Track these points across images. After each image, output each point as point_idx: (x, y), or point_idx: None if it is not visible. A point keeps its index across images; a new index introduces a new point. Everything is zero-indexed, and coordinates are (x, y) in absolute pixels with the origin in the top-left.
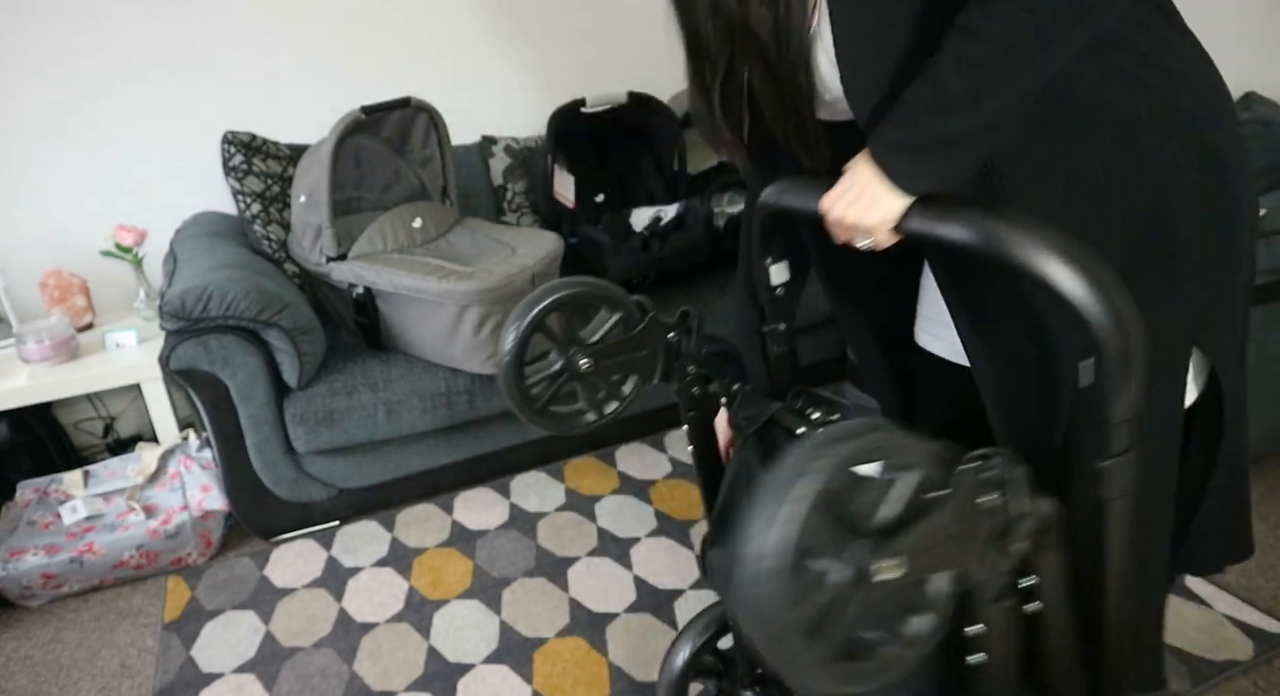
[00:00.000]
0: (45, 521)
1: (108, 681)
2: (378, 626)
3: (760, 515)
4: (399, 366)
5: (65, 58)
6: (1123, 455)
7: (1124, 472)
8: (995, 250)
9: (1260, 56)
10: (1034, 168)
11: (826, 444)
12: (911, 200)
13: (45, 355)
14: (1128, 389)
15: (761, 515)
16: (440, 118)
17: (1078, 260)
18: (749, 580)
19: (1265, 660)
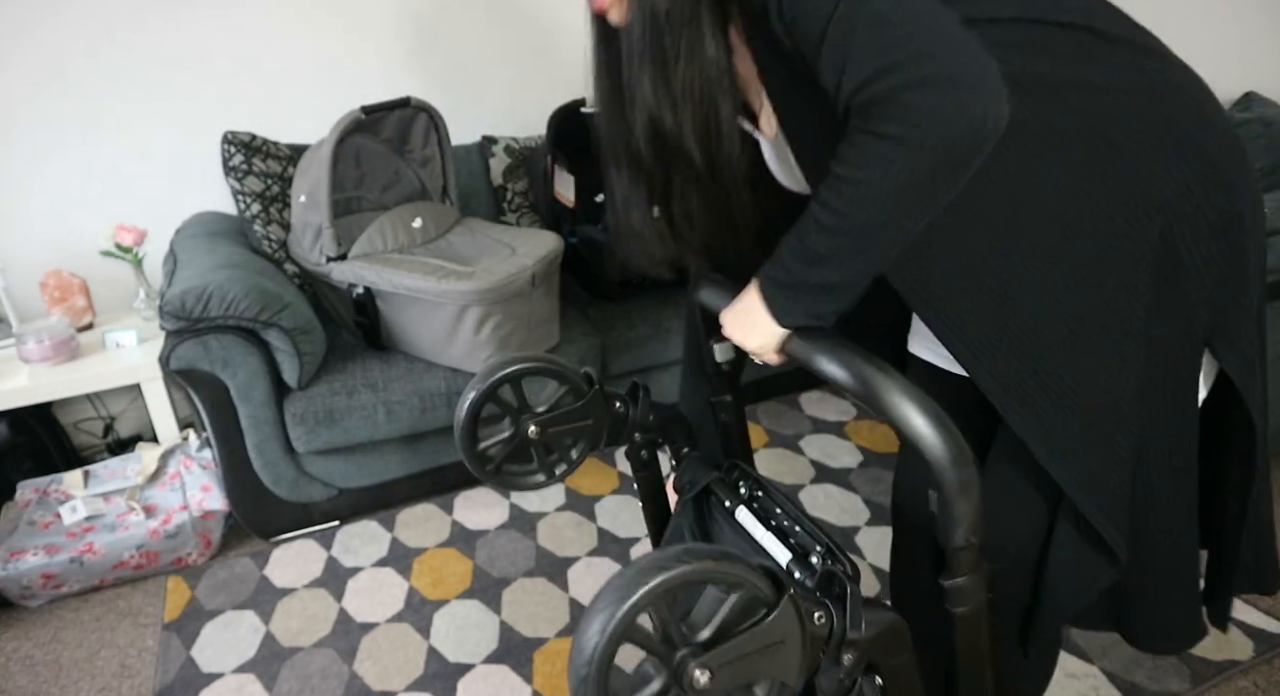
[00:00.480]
0: (45, 521)
1: (108, 681)
2: (378, 626)
3: (583, 627)
4: (399, 366)
5: (65, 58)
6: (965, 576)
7: (968, 591)
8: (860, 391)
9: (1260, 56)
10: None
11: (648, 571)
12: (786, 332)
13: (45, 355)
14: (965, 518)
15: (584, 627)
16: (440, 118)
17: (923, 408)
18: (572, 683)
19: (1265, 660)
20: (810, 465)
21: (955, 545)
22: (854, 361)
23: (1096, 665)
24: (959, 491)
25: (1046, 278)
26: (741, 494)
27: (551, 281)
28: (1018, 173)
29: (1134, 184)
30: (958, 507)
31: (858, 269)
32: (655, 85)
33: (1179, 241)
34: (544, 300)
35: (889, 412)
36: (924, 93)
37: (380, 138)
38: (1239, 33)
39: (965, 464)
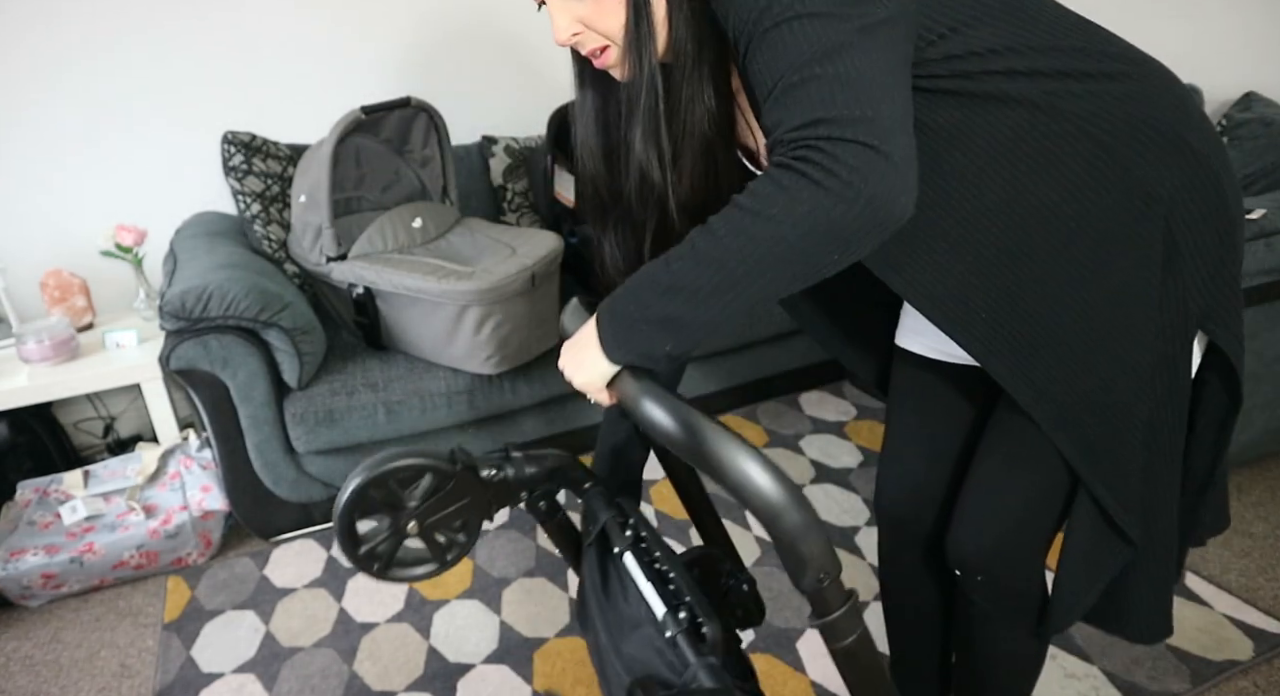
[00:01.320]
0: (45, 521)
1: (108, 681)
2: (378, 626)
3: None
4: (399, 366)
5: (65, 58)
6: (837, 612)
7: (843, 625)
8: (683, 440)
9: (1260, 56)
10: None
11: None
12: (615, 369)
13: (45, 355)
14: (813, 558)
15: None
16: (440, 118)
17: (751, 456)
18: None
19: (1265, 660)
20: (810, 465)
21: (812, 588)
22: (680, 409)
23: (1096, 665)
24: (802, 534)
25: (1056, 275)
26: (627, 537)
27: (551, 281)
28: (1018, 177)
29: (1129, 180)
30: (803, 550)
31: (709, 312)
32: (648, 140)
33: (1177, 231)
34: (544, 300)
35: (716, 463)
36: (858, 152)
37: (380, 138)
38: (1239, 33)
39: (803, 506)
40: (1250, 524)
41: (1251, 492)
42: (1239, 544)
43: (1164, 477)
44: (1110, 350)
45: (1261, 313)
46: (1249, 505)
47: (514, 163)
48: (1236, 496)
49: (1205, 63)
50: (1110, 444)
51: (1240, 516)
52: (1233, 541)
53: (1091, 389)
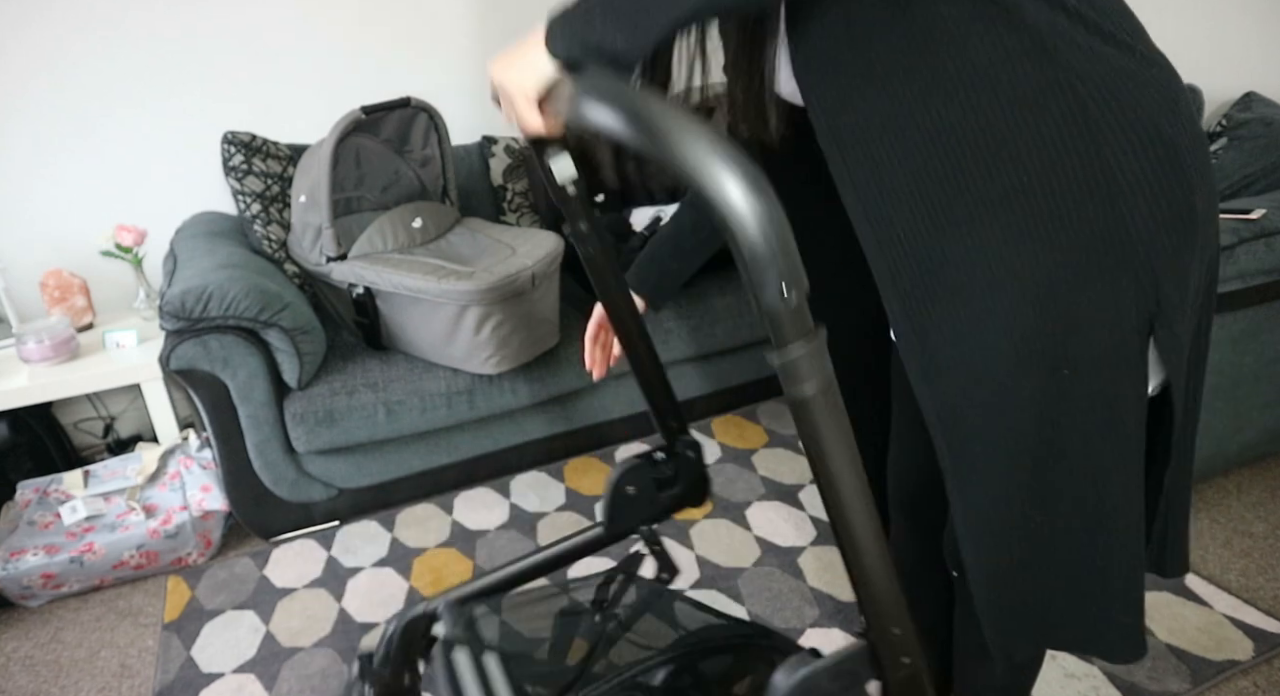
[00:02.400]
0: (45, 521)
1: (108, 681)
2: (378, 626)
3: None
4: (399, 366)
5: (66, 58)
6: (798, 340)
7: (805, 363)
8: (643, 140)
9: (1260, 56)
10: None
11: None
12: (554, 64)
13: (45, 355)
14: (783, 269)
15: None
16: (440, 118)
17: (729, 158)
18: None
19: (1265, 660)
20: None
21: (773, 304)
22: (631, 97)
23: (1096, 665)
24: (778, 249)
25: (986, 226)
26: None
27: (551, 281)
28: (987, 105)
29: (1095, 151)
30: (779, 263)
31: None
32: None
33: (1130, 220)
34: (544, 300)
35: (685, 165)
36: None
37: (380, 138)
38: (1239, 33)
39: (780, 220)
40: (1250, 524)
41: (1251, 492)
42: (1239, 544)
43: (1116, 486)
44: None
45: (1261, 313)
46: (1249, 505)
47: (514, 163)
48: (1236, 496)
49: (1205, 63)
50: (992, 446)
51: (1240, 516)
52: (1233, 541)
53: (976, 365)
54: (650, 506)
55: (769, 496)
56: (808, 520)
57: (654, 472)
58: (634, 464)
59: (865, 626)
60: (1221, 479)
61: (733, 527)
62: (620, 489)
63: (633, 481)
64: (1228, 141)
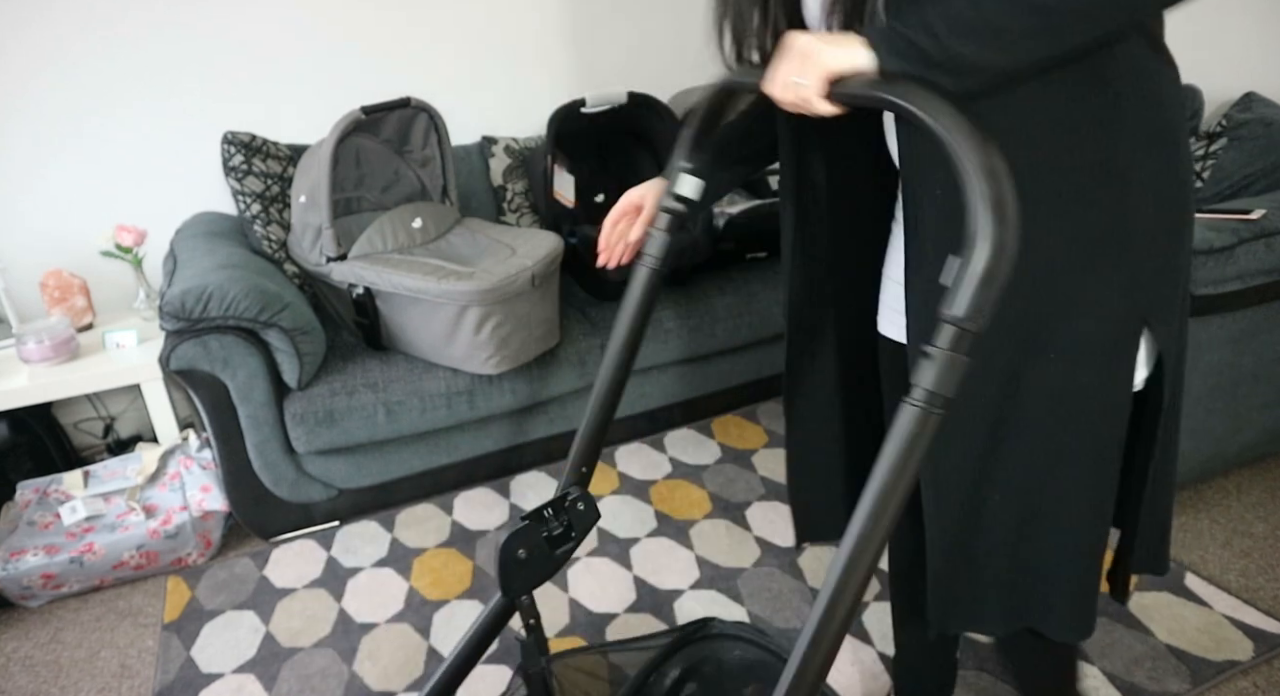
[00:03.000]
0: (45, 521)
1: (108, 681)
2: (378, 626)
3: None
4: (399, 366)
5: (66, 58)
6: (959, 356)
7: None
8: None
9: (1260, 56)
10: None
11: None
12: (868, 61)
13: (45, 355)
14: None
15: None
16: (440, 118)
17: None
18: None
19: (1265, 660)
20: None
21: (971, 318)
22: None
23: (1096, 665)
24: (1006, 282)
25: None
26: None
27: (551, 282)
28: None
29: (1116, 145)
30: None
31: (1005, 59)
32: None
33: (1133, 216)
34: (544, 300)
35: (977, 171)
36: None
37: (380, 138)
38: (1239, 33)
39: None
40: (1250, 524)
41: (1251, 492)
42: (1239, 544)
43: (1077, 474)
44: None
45: (1261, 313)
46: (1249, 505)
47: (514, 163)
48: (1236, 496)
49: (1205, 63)
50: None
51: (1240, 516)
52: (1233, 541)
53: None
54: (545, 565)
55: (769, 496)
56: None
57: (545, 530)
58: (523, 527)
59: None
60: (1221, 479)
61: (732, 528)
62: (512, 554)
63: (524, 545)
64: (1228, 141)
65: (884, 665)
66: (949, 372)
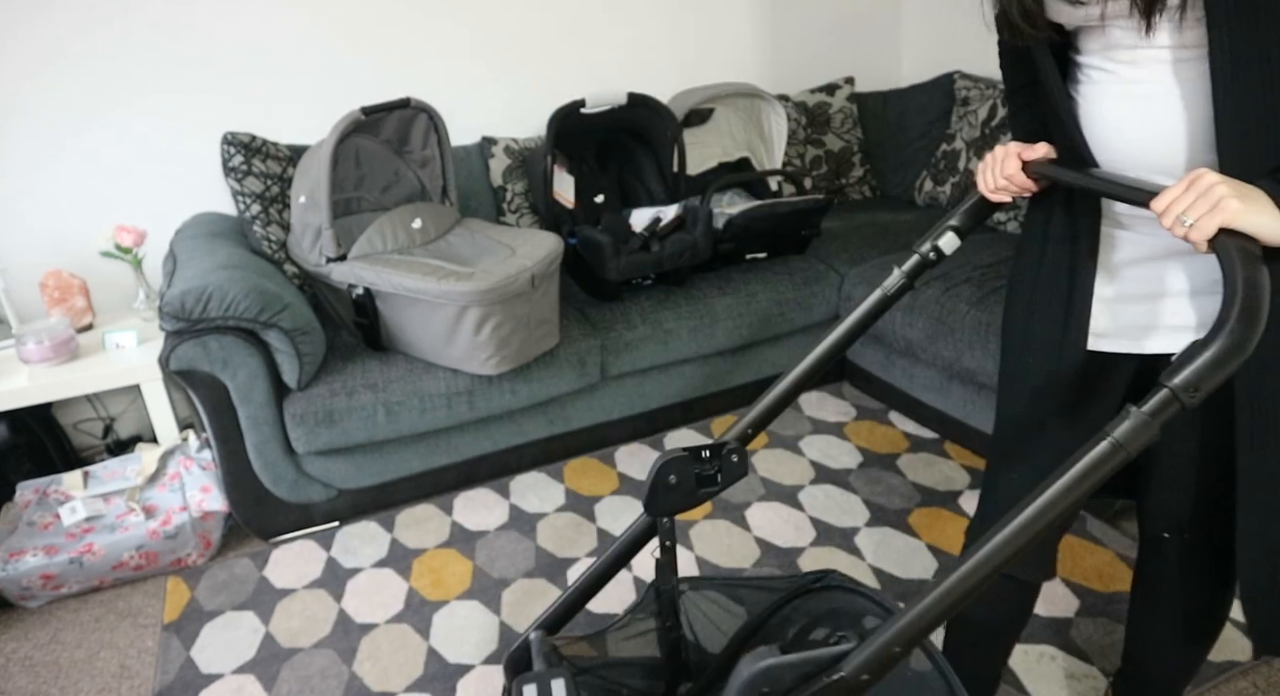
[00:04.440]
0: (45, 522)
1: (107, 682)
2: (377, 627)
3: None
4: (399, 367)
5: (65, 58)
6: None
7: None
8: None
9: None
10: None
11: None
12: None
13: (45, 356)
14: (1214, 380)
15: None
16: (440, 118)
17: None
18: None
19: (1265, 660)
20: (810, 466)
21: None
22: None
23: (1096, 665)
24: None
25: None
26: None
27: (551, 282)
28: None
29: None
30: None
31: None
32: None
33: None
34: (544, 301)
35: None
36: None
37: (380, 138)
38: None
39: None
40: None
41: None
42: None
43: None
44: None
45: None
46: None
47: (514, 163)
48: None
49: None
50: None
51: None
52: None
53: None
54: (687, 498)
55: (769, 497)
56: (807, 521)
57: (697, 468)
58: (679, 456)
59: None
60: None
61: (732, 528)
62: (664, 477)
63: (676, 472)
64: None
65: None
66: (1140, 432)
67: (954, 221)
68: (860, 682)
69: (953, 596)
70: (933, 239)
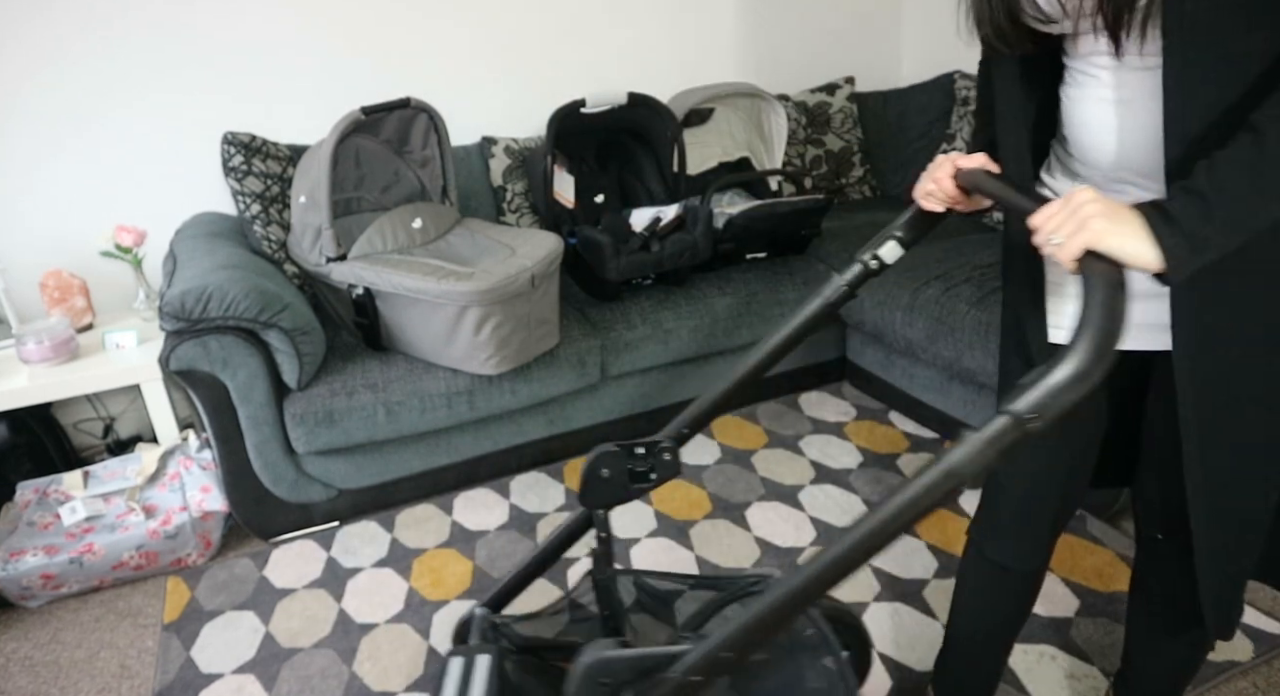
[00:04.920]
0: (45, 522)
1: (107, 682)
2: (377, 627)
3: None
4: (399, 367)
5: (65, 58)
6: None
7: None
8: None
9: None
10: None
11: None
12: (1151, 259)
13: (45, 355)
14: (1064, 402)
15: None
16: (440, 118)
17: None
18: None
19: (1265, 660)
20: (810, 465)
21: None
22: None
23: (1096, 665)
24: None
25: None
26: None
27: (551, 282)
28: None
29: None
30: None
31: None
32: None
33: None
34: (544, 301)
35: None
36: None
37: (380, 138)
38: None
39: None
40: None
41: None
42: None
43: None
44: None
45: None
46: None
47: (514, 163)
48: None
49: None
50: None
51: None
52: None
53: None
54: (620, 492)
55: (769, 497)
56: (807, 520)
57: (630, 463)
58: (612, 451)
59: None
60: None
61: (732, 528)
62: (596, 469)
63: (609, 466)
64: None
65: (884, 665)
66: (974, 459)
67: (897, 231)
68: (690, 683)
69: (780, 612)
70: (874, 248)
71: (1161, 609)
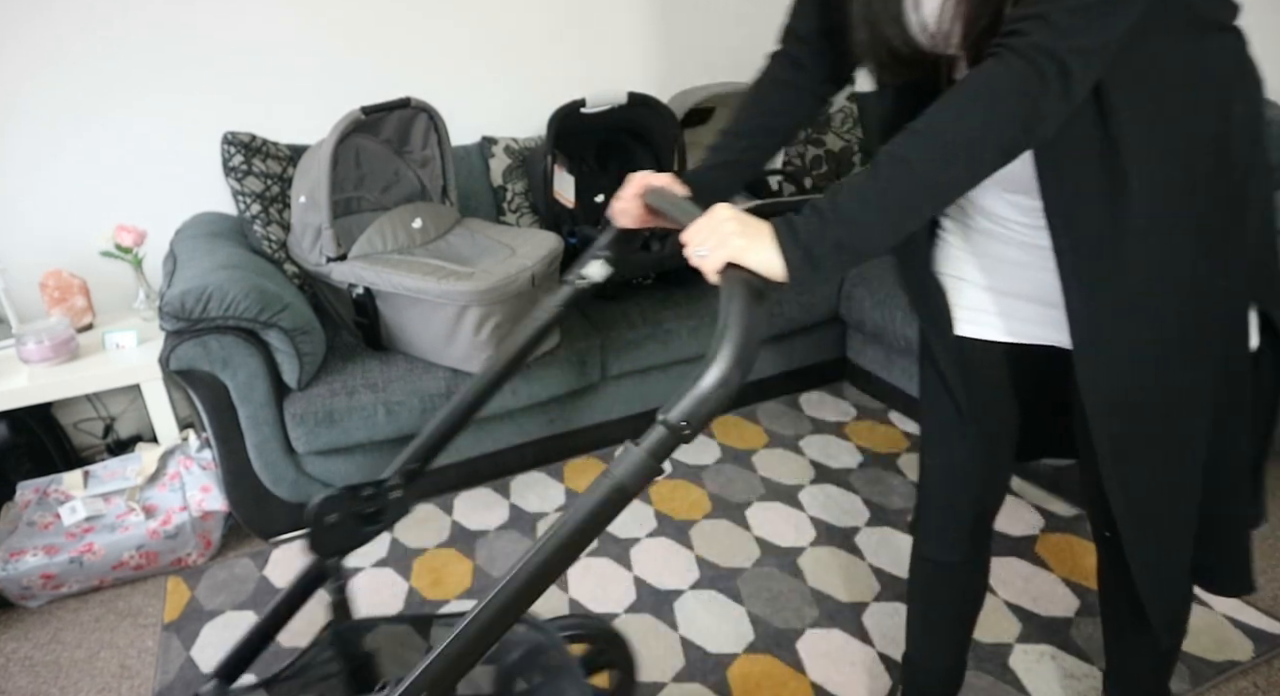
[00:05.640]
0: (45, 522)
1: (108, 682)
2: None
3: None
4: (399, 367)
5: (66, 58)
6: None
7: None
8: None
9: (1260, 56)
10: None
11: None
12: (776, 267)
13: (45, 355)
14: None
15: None
16: (440, 118)
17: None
18: None
19: (1265, 660)
20: (810, 465)
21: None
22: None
23: (1096, 665)
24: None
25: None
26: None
27: (551, 282)
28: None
29: (1233, 129)
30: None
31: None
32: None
33: (1251, 190)
34: None
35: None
36: (1042, 59)
37: (380, 138)
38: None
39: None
40: None
41: None
42: None
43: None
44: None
45: None
46: None
47: (514, 163)
48: None
49: None
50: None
51: None
52: None
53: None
54: (352, 538)
55: (769, 497)
56: (807, 520)
57: (356, 505)
58: (336, 494)
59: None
60: None
61: (732, 528)
62: (320, 515)
63: (335, 510)
64: None
65: (883, 665)
66: (640, 470)
67: (602, 250)
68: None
69: (462, 651)
70: (580, 268)
71: (1126, 604)
